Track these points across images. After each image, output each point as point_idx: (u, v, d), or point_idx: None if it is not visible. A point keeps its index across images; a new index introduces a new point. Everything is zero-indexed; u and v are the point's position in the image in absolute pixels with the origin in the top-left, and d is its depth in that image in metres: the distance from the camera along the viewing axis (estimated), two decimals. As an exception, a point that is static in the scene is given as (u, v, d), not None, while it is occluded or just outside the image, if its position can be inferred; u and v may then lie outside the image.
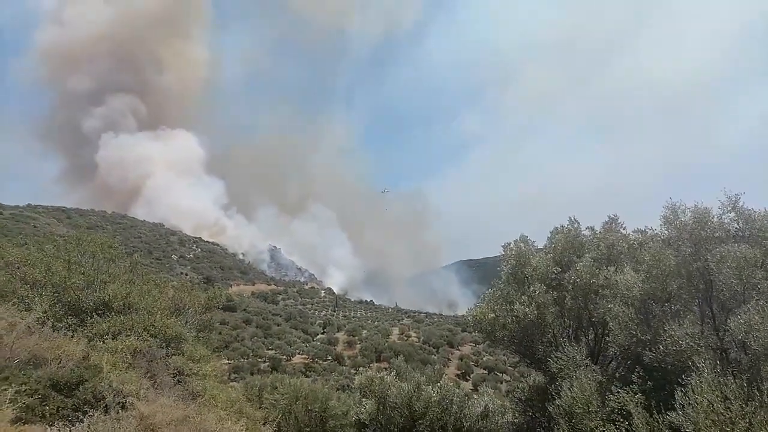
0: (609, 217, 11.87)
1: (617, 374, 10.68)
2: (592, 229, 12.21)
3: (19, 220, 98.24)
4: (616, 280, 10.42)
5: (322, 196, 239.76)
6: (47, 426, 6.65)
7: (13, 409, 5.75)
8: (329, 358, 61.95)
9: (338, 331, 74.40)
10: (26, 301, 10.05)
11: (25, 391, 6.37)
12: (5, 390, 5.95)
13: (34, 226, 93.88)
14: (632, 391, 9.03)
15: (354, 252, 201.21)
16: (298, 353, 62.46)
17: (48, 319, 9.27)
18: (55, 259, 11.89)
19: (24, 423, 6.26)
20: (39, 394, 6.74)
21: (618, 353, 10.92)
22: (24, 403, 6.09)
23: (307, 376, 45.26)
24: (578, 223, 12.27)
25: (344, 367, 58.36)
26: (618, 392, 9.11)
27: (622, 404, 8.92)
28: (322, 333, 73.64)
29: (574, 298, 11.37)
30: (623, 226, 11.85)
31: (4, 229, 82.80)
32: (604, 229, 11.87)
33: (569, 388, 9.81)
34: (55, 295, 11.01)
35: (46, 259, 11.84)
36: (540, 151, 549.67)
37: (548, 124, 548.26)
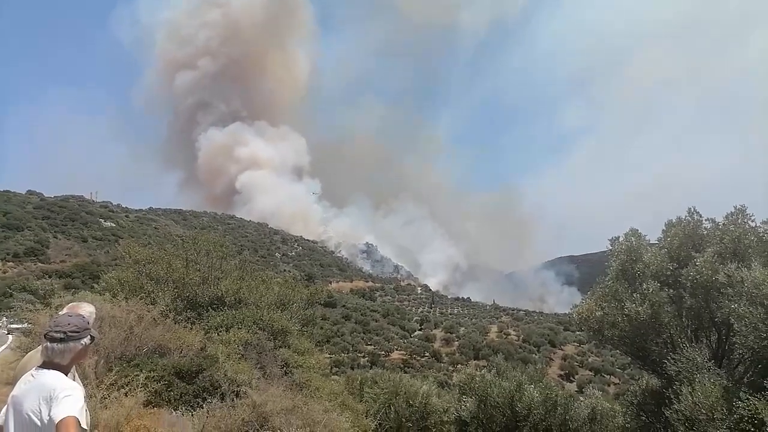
0: (735, 207, 10.70)
1: (745, 379, 9.72)
2: (713, 221, 11.11)
3: (143, 222, 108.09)
4: (742, 277, 9.45)
5: (418, 193, 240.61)
6: (172, 410, 7.23)
7: (144, 393, 6.31)
8: (427, 354, 62.15)
9: (435, 328, 74.44)
10: (152, 295, 10.94)
11: (153, 377, 6.95)
12: (137, 375, 6.53)
13: (155, 228, 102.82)
14: (765, 398, 8.18)
15: (450, 249, 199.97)
16: (396, 349, 63.28)
17: (170, 312, 10.02)
18: (174, 258, 12.85)
19: (153, 406, 6.86)
20: (165, 381, 7.34)
21: (746, 356, 9.90)
22: (153, 389, 6.66)
23: (405, 372, 45.68)
24: (699, 214, 11.22)
25: (442, 364, 58.33)
26: (748, 399, 8.28)
27: (753, 412, 8.09)
28: (420, 329, 74.03)
29: (693, 296, 10.46)
30: (752, 217, 10.64)
31: (131, 230, 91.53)
32: (729, 221, 10.75)
33: (690, 393, 9.07)
34: (176, 290, 11.91)
35: (167, 257, 12.82)
36: (651, 143, 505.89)
37: (662, 114, 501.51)
